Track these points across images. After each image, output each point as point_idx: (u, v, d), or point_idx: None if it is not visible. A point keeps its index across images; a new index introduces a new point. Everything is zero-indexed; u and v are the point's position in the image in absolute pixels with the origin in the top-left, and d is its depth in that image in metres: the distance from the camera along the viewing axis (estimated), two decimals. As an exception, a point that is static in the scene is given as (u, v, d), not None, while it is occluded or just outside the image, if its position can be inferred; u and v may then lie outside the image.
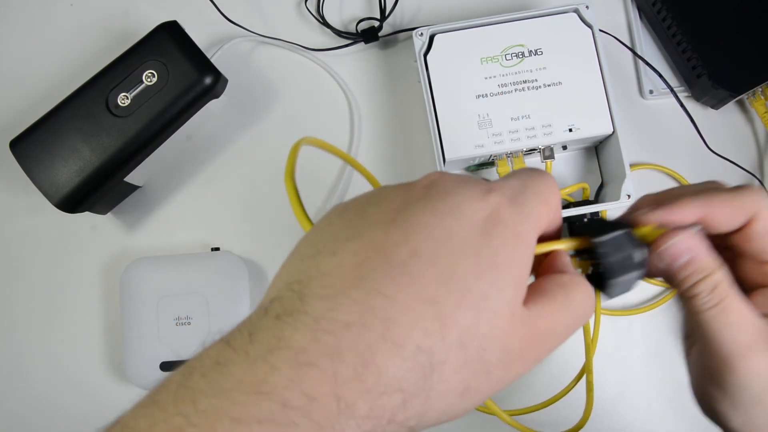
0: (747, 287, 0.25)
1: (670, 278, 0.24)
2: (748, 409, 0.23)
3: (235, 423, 0.16)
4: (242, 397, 0.16)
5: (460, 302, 0.18)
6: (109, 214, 0.50)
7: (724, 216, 0.24)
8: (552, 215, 0.22)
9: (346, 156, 0.29)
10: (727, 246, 0.25)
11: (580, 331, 0.44)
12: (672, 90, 0.49)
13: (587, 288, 0.22)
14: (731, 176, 0.50)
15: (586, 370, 0.43)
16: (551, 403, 0.44)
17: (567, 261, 0.23)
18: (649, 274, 0.24)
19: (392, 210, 0.20)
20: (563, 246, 0.23)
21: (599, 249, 0.23)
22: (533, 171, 0.22)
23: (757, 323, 0.23)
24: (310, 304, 0.18)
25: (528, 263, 0.20)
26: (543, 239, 0.23)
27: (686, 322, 0.29)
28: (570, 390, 0.44)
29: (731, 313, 0.23)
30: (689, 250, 0.23)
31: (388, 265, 0.18)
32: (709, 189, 0.25)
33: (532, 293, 0.21)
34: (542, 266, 0.23)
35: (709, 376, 0.24)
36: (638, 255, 0.23)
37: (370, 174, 0.30)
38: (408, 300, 0.18)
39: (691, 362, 0.26)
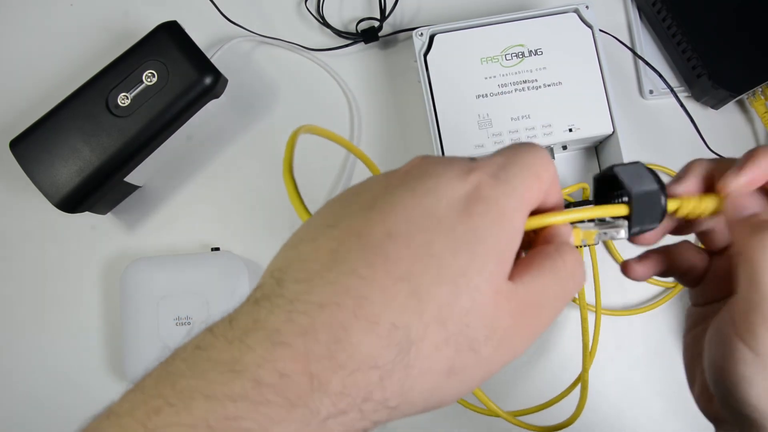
0: None
1: (741, 225, 0.23)
2: None
3: (208, 400, 0.17)
4: (216, 376, 0.17)
5: (437, 278, 0.18)
6: (109, 214, 0.50)
7: None
8: (544, 188, 0.21)
9: (346, 142, 0.29)
10: None
11: (580, 335, 0.44)
12: (672, 90, 0.49)
13: (575, 255, 0.21)
14: (731, 176, 0.50)
15: (582, 369, 0.43)
16: (552, 404, 0.44)
17: (557, 231, 0.22)
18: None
19: (373, 196, 0.20)
20: (555, 220, 0.22)
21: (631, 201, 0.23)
22: (521, 145, 0.21)
23: None
24: (286, 288, 0.18)
25: (513, 239, 0.20)
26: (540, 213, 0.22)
27: (690, 315, 0.29)
28: (570, 392, 0.44)
29: None
30: (759, 200, 0.23)
31: (363, 247, 0.18)
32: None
33: (520, 267, 0.20)
34: (535, 239, 0.23)
35: (742, 337, 0.22)
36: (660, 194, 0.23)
37: (370, 160, 0.30)
38: (382, 278, 0.18)
39: (713, 331, 0.25)
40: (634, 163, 0.24)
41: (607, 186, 0.25)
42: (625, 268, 0.27)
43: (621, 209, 0.23)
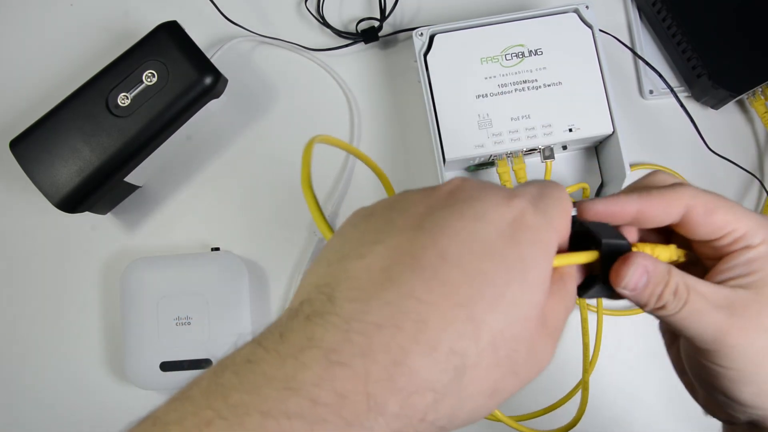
0: (707, 263, 0.26)
1: (638, 301, 0.24)
2: (754, 378, 0.23)
3: (263, 416, 0.17)
4: (271, 392, 0.17)
5: (492, 306, 0.19)
6: (109, 214, 0.50)
7: (660, 209, 0.25)
8: (568, 224, 0.23)
9: (359, 153, 0.29)
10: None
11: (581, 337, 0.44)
12: (672, 90, 0.49)
13: (575, 279, 0.23)
14: (731, 176, 0.50)
15: (583, 370, 0.43)
16: (553, 409, 0.44)
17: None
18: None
19: (418, 215, 0.20)
20: (583, 259, 0.24)
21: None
22: (547, 181, 0.23)
23: (722, 293, 0.23)
24: (340, 306, 0.18)
25: (550, 267, 0.21)
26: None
27: (665, 332, 0.30)
28: (572, 396, 0.44)
29: (699, 303, 0.23)
30: (645, 270, 0.23)
31: (418, 269, 0.19)
32: (644, 186, 0.26)
33: None
34: None
35: (706, 361, 0.24)
36: None
37: (382, 172, 0.30)
38: (440, 303, 0.18)
39: (683, 355, 0.27)
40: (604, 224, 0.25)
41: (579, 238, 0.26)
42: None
43: (591, 256, 0.24)
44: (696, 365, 0.25)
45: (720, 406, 0.26)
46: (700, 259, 0.26)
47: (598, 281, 0.24)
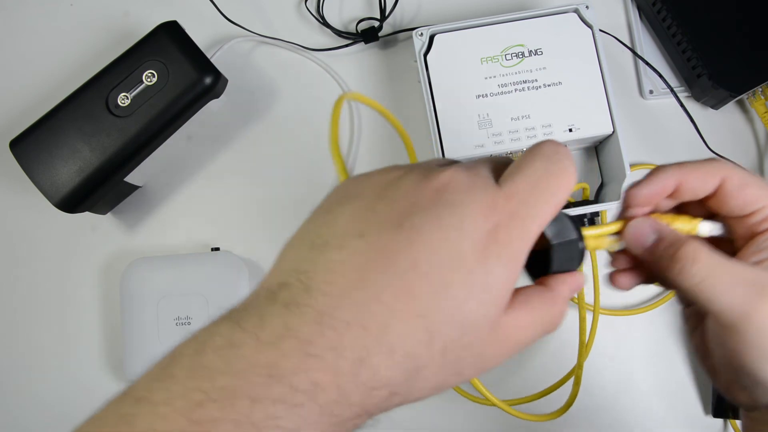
0: (738, 243, 0.27)
1: (656, 264, 0.25)
2: None
3: (253, 401, 0.18)
4: (257, 378, 0.18)
5: (448, 318, 0.20)
6: (109, 214, 0.50)
7: (698, 179, 0.26)
8: (558, 210, 0.22)
9: (388, 113, 0.29)
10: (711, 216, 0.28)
11: (578, 332, 0.44)
12: (672, 90, 0.49)
13: (564, 308, 0.24)
14: (731, 176, 0.50)
15: (576, 365, 0.44)
16: (545, 395, 0.45)
17: (562, 281, 0.24)
18: (648, 278, 0.25)
19: (401, 212, 0.21)
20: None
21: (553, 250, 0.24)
22: (549, 170, 0.22)
23: (752, 272, 0.24)
24: (315, 298, 0.20)
25: (516, 276, 0.21)
26: None
27: (688, 317, 0.30)
28: (563, 384, 0.45)
29: (723, 274, 0.24)
30: (653, 228, 0.25)
31: (390, 273, 0.20)
32: (681, 162, 0.27)
33: (516, 300, 0.22)
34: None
35: (730, 340, 0.24)
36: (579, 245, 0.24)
37: (410, 141, 0.30)
38: (403, 311, 0.20)
39: (709, 335, 0.27)
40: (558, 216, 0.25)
41: None
42: (611, 279, 0.29)
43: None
44: (721, 345, 0.26)
45: (744, 390, 0.26)
46: (733, 239, 0.27)
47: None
